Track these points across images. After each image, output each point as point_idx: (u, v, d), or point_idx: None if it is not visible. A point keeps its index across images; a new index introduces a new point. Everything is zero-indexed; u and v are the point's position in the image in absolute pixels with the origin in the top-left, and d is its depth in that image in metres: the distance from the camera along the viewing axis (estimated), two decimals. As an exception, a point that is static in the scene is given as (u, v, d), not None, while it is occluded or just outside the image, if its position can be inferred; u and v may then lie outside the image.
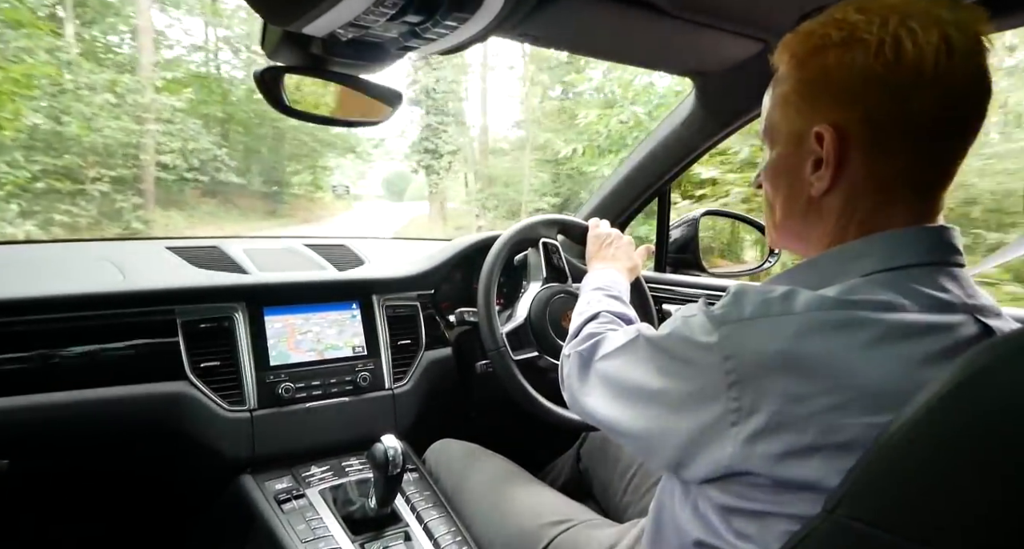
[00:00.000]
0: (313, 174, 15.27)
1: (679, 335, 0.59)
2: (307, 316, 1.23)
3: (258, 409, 1.13)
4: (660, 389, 0.61)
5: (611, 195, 1.65)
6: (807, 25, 0.60)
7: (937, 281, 0.55)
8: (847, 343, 0.51)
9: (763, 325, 0.53)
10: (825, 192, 0.60)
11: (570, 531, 0.96)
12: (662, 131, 1.49)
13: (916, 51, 0.52)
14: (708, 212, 1.72)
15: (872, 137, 0.56)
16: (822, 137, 0.58)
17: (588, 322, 0.90)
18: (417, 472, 1.21)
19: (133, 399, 1.05)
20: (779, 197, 0.66)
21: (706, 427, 0.55)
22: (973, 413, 0.43)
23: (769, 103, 0.65)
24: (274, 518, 1.05)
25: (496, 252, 1.20)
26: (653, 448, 0.62)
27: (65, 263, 1.25)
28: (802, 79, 0.60)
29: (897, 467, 0.44)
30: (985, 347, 0.45)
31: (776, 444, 0.50)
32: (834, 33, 0.56)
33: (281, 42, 0.89)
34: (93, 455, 1.10)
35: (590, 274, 1.12)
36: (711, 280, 1.58)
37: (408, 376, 1.31)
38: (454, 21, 0.79)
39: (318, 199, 16.04)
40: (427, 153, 14.06)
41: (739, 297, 0.56)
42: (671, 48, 1.15)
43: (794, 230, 0.66)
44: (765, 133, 0.67)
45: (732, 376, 0.53)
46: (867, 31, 0.54)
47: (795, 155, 0.62)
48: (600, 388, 0.73)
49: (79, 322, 1.03)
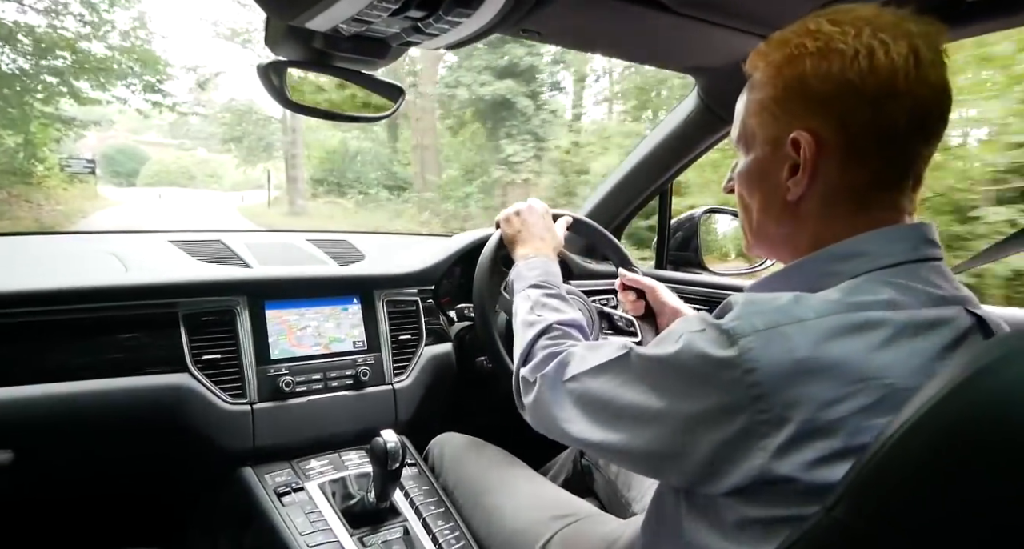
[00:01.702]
0: (26, 142, 10.43)
1: (691, 352, 0.56)
2: (308, 310, 1.23)
3: (259, 402, 1.14)
4: (666, 408, 0.58)
5: (612, 193, 1.65)
6: (780, 35, 0.62)
7: (927, 277, 0.57)
8: (867, 344, 0.51)
9: (782, 334, 0.52)
10: (801, 197, 0.61)
11: (572, 526, 0.96)
12: (664, 129, 1.49)
13: (888, 61, 0.55)
14: (709, 210, 1.72)
15: (847, 143, 0.58)
16: (798, 143, 0.60)
17: (539, 338, 0.85)
18: (416, 467, 1.21)
19: (135, 391, 1.05)
20: (755, 201, 0.67)
21: (730, 441, 0.53)
22: (973, 412, 0.43)
23: (744, 109, 0.67)
24: (273, 511, 1.05)
25: (491, 249, 1.19)
26: (665, 467, 0.60)
27: (67, 256, 1.26)
28: (779, 86, 0.61)
29: (897, 466, 0.44)
30: (984, 347, 0.45)
31: (809, 451, 0.50)
32: (810, 43, 0.58)
33: (284, 36, 0.89)
34: (95, 446, 1.10)
35: (519, 264, 1.05)
36: (712, 278, 1.59)
37: (409, 371, 1.31)
38: (456, 17, 0.80)
39: (39, 184, 10.89)
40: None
41: (749, 307, 0.55)
42: (673, 44, 1.15)
43: (769, 234, 0.67)
44: (739, 139, 0.68)
45: (757, 388, 0.52)
46: (842, 41, 0.57)
47: (771, 160, 0.63)
48: (581, 410, 0.69)
49: (82, 314, 1.04)
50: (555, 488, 1.11)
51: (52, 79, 10.78)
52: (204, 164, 30.83)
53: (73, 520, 1.28)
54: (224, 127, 20.16)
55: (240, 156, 21.24)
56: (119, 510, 1.31)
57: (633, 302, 1.19)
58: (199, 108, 17.36)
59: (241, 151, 20.58)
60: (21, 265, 1.15)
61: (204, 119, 22.74)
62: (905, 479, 0.44)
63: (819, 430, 0.50)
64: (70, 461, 1.12)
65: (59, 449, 1.08)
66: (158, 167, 28.45)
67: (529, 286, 0.98)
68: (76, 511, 1.27)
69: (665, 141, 1.49)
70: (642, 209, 1.70)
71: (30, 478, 1.08)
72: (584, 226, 1.36)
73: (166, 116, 16.86)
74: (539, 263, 1.03)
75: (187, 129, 33.80)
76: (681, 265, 1.69)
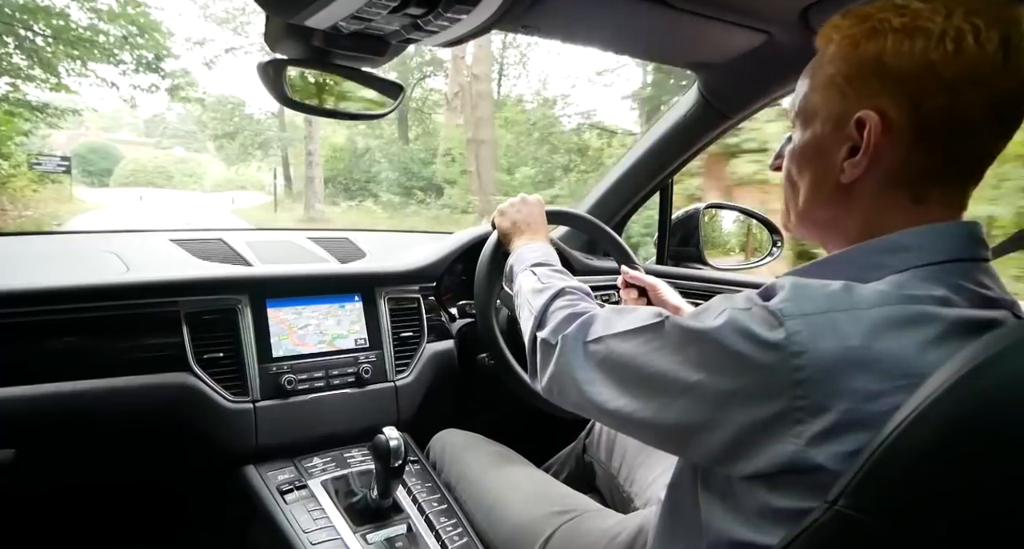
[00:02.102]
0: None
1: (735, 326, 0.54)
2: (310, 308, 1.23)
3: (261, 400, 1.14)
4: (699, 382, 0.56)
5: (613, 188, 1.65)
6: (860, 8, 0.58)
7: (976, 277, 0.55)
8: (919, 339, 0.49)
9: (832, 321, 0.50)
10: (856, 180, 0.58)
11: (573, 521, 0.96)
12: (664, 124, 1.48)
13: (977, 47, 0.51)
14: (711, 205, 1.72)
15: (916, 128, 0.55)
16: (864, 123, 0.56)
17: (555, 299, 0.82)
18: (419, 464, 1.21)
19: (137, 390, 1.05)
20: (804, 180, 0.64)
21: (761, 423, 0.51)
22: (977, 403, 0.43)
23: (808, 83, 0.63)
24: (276, 509, 1.05)
25: (491, 245, 1.19)
26: (688, 442, 0.58)
27: (69, 255, 1.26)
28: (853, 61, 0.57)
29: (901, 458, 0.44)
30: (989, 338, 0.45)
31: (846, 442, 0.48)
32: (894, 18, 0.55)
33: (283, 34, 0.89)
34: (98, 445, 1.11)
35: (519, 251, 1.04)
36: (713, 273, 1.58)
37: (410, 368, 1.32)
38: (456, 13, 0.79)
39: (3, 185, 9.24)
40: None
41: (800, 290, 0.53)
42: (673, 40, 1.14)
43: (817, 217, 0.64)
44: (798, 114, 0.64)
45: (800, 373, 0.50)
46: (930, 20, 0.53)
47: (831, 138, 0.60)
48: (606, 374, 0.67)
49: (84, 313, 1.04)
50: (557, 484, 1.11)
51: (20, 57, 8.87)
52: (183, 163, 29.29)
53: (76, 519, 1.29)
54: (216, 122, 18.77)
55: (232, 154, 20.22)
56: (122, 509, 1.32)
57: (635, 300, 1.19)
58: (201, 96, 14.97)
59: (233, 148, 19.47)
60: (21, 265, 1.15)
61: (184, 116, 21.10)
62: (910, 471, 0.44)
63: (859, 422, 0.48)
64: (72, 461, 1.13)
65: (60, 449, 1.08)
66: (133, 167, 26.35)
67: (532, 265, 0.97)
68: (79, 510, 1.27)
69: (665, 136, 1.49)
70: (643, 204, 1.70)
71: (32, 477, 1.09)
72: (585, 222, 1.36)
73: (141, 113, 15.35)
74: (539, 246, 1.03)
75: (164, 127, 32.43)
76: (682, 260, 1.69)
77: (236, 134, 18.74)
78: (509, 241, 1.12)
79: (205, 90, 15.38)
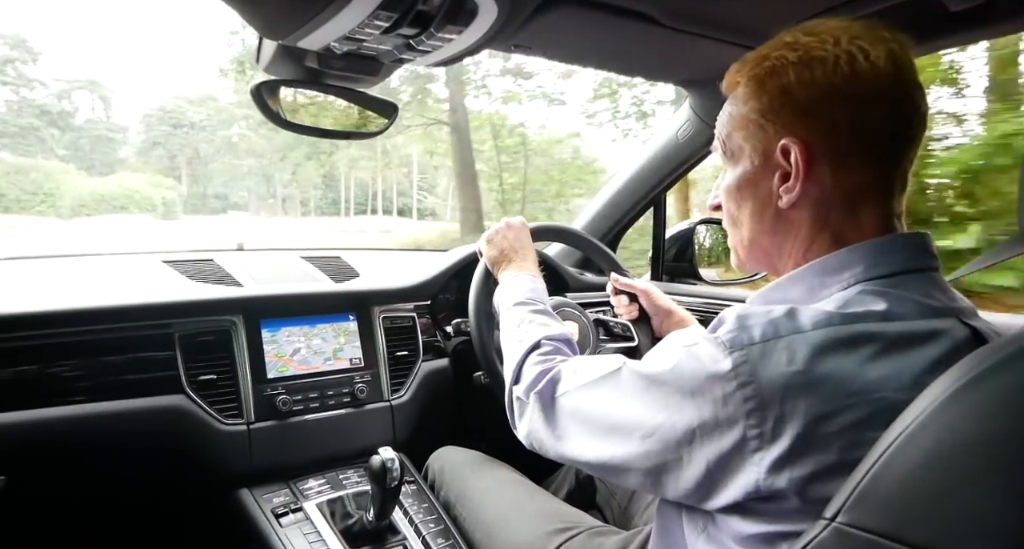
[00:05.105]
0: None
1: (686, 366, 0.57)
2: (304, 328, 1.23)
3: (255, 422, 1.12)
4: (663, 422, 0.58)
5: (607, 205, 1.65)
6: (756, 52, 0.63)
7: (922, 287, 0.57)
8: (859, 358, 0.51)
9: (776, 347, 0.52)
10: (794, 204, 0.61)
11: (575, 539, 0.95)
12: (657, 141, 1.50)
13: (869, 65, 0.57)
14: (704, 220, 1.73)
15: (837, 148, 0.59)
16: (788, 151, 0.60)
17: (530, 354, 0.84)
18: (415, 484, 1.20)
19: (130, 413, 1.04)
20: (745, 213, 0.67)
21: (726, 454, 0.53)
22: (970, 419, 0.43)
23: (727, 124, 0.67)
24: (272, 532, 1.04)
25: (480, 273, 1.17)
26: (664, 482, 0.60)
27: (59, 279, 1.25)
28: (763, 99, 0.62)
29: (897, 474, 0.44)
30: (978, 354, 0.46)
31: (804, 466, 0.50)
32: (790, 54, 0.60)
33: (277, 56, 0.90)
34: (91, 469, 1.09)
35: (503, 284, 1.05)
36: (708, 289, 1.59)
37: (406, 387, 1.31)
38: (448, 34, 0.80)
39: None
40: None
41: (744, 320, 0.55)
42: (663, 57, 1.16)
43: (763, 246, 0.67)
44: (726, 153, 0.68)
45: (751, 403, 0.52)
46: (822, 49, 0.58)
47: (762, 169, 0.63)
48: (576, 427, 0.69)
49: (76, 337, 1.03)
50: (557, 501, 1.10)
51: None
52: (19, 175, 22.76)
53: (69, 545, 1.26)
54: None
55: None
56: (115, 533, 1.29)
57: (627, 306, 1.19)
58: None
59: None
60: (11, 289, 1.14)
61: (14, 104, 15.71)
62: (906, 487, 0.44)
63: (813, 444, 0.50)
64: (64, 486, 1.11)
65: (53, 474, 1.06)
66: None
67: (514, 304, 0.97)
68: (72, 535, 1.25)
69: (658, 153, 1.50)
70: (637, 220, 1.70)
71: (24, 504, 1.07)
72: (569, 235, 1.36)
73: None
74: (523, 281, 1.02)
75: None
76: (676, 276, 1.69)
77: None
78: (496, 270, 1.12)
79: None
